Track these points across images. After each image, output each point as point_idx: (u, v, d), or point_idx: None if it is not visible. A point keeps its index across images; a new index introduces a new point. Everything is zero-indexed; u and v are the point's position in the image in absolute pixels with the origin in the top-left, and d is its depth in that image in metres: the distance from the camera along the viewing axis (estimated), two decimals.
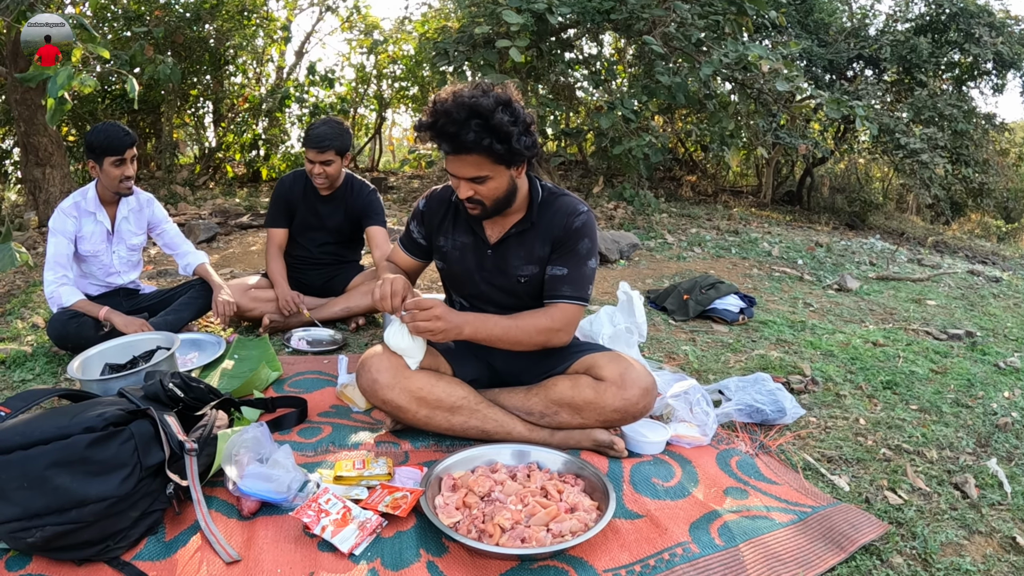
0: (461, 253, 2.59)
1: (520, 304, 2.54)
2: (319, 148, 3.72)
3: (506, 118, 2.16)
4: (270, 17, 10.79)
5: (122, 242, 3.70)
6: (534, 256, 2.49)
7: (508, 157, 2.24)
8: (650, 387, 2.43)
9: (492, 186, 2.30)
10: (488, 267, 2.55)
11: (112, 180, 3.48)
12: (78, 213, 3.52)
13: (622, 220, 8.58)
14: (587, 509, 2.06)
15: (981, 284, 6.60)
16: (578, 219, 2.45)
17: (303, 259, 4.10)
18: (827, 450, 2.67)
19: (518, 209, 2.49)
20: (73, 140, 9.27)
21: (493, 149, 2.19)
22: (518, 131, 2.20)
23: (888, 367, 3.65)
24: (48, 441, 1.83)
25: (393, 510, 2.01)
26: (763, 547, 2.00)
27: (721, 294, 4.50)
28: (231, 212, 8.17)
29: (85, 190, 3.56)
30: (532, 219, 2.48)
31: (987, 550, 2.09)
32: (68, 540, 1.80)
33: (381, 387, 2.41)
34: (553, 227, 2.46)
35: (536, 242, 2.48)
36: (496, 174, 2.28)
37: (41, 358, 3.45)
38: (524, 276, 2.51)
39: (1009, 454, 2.73)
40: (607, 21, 7.68)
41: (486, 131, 2.16)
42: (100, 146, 3.39)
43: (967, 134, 11.45)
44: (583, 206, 2.50)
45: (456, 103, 2.17)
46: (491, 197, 2.34)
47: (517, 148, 2.21)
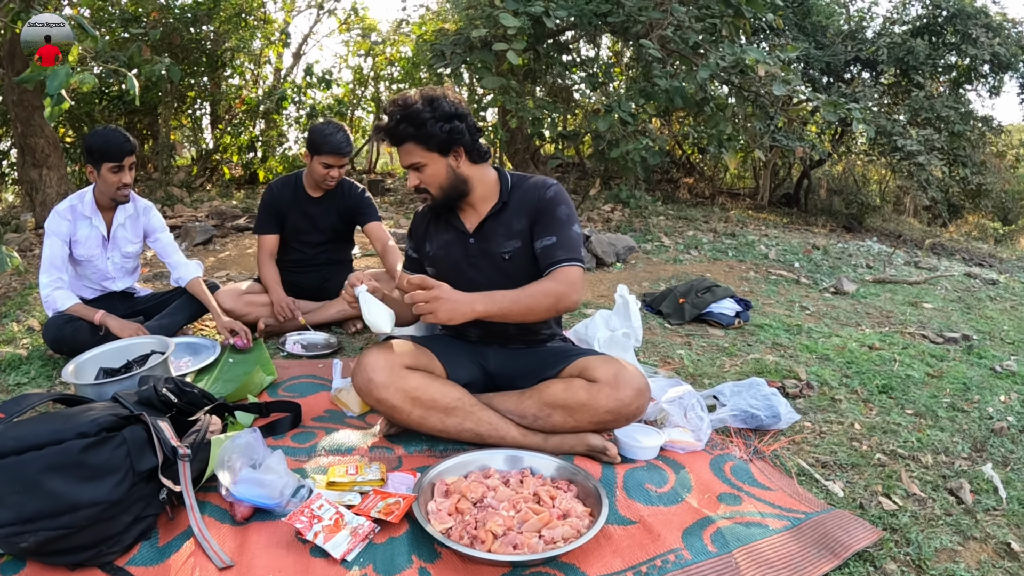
0: (446, 250, 2.69)
1: (511, 285, 2.55)
2: (342, 154, 3.78)
3: (424, 109, 2.41)
4: (268, 19, 10.78)
5: (117, 249, 3.68)
6: (513, 232, 2.59)
7: (428, 142, 2.45)
8: (643, 388, 2.43)
9: (429, 173, 2.51)
10: (472, 253, 2.64)
11: (109, 186, 3.46)
12: (73, 216, 3.50)
13: (619, 223, 8.59)
14: (580, 515, 2.05)
15: (978, 287, 6.61)
16: (549, 190, 2.60)
17: (298, 262, 4.10)
18: (822, 455, 2.67)
19: (490, 196, 2.65)
20: (70, 142, 9.28)
21: (416, 136, 2.44)
22: (432, 119, 2.41)
23: (884, 371, 3.65)
24: (42, 446, 1.83)
25: (386, 516, 2.01)
26: (756, 554, 1.99)
27: (717, 298, 4.50)
28: (228, 214, 8.15)
29: (82, 193, 3.55)
30: (504, 199, 2.62)
31: (982, 556, 2.09)
32: (61, 545, 1.80)
33: (376, 386, 2.41)
34: (526, 202, 2.60)
35: (513, 218, 2.60)
36: (430, 161, 2.49)
37: (36, 361, 3.44)
38: (507, 252, 2.59)
39: (1005, 459, 2.73)
40: (604, 24, 7.68)
41: (405, 120, 2.43)
42: (98, 151, 3.37)
43: (964, 136, 11.48)
44: (551, 180, 2.66)
45: (391, 105, 2.49)
46: (433, 184, 2.53)
47: (432, 132, 2.42)
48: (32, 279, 5.26)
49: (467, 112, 2.52)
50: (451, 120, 2.44)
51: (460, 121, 2.46)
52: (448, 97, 2.49)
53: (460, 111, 2.47)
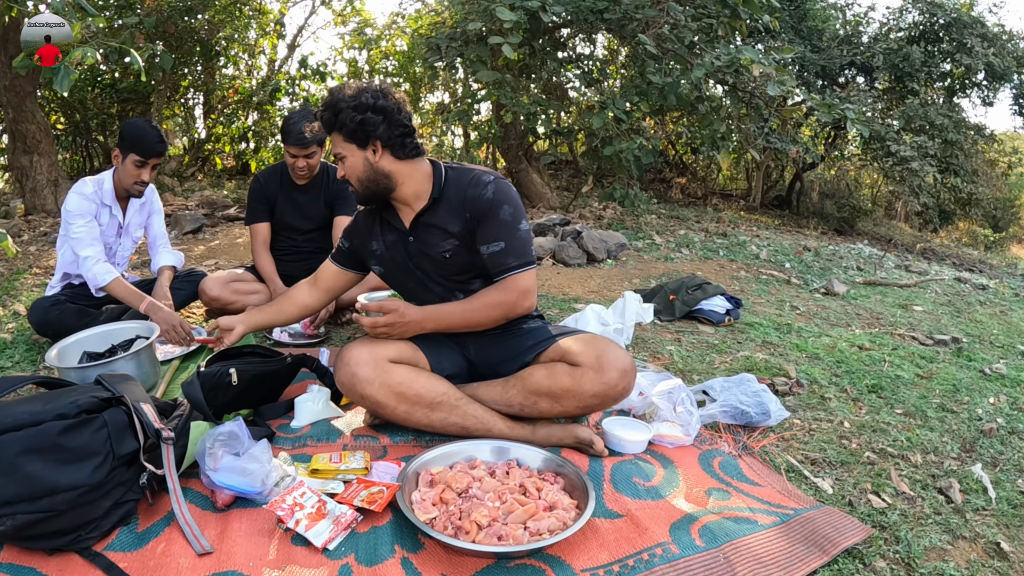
0: (392, 250, 2.65)
1: (458, 282, 2.56)
2: (302, 145, 3.72)
3: (344, 98, 2.42)
4: (263, 9, 10.73)
5: (128, 236, 3.70)
6: (448, 232, 2.51)
7: (342, 131, 2.44)
8: (628, 368, 2.40)
9: (348, 164, 2.49)
10: (413, 252, 2.59)
11: (128, 177, 3.45)
12: (97, 201, 3.49)
13: (611, 220, 8.58)
14: (566, 507, 2.03)
15: (968, 291, 6.62)
16: (487, 189, 2.47)
17: (287, 250, 4.08)
18: (811, 452, 2.66)
19: (423, 193, 2.55)
20: (61, 128, 9.22)
21: (332, 124, 2.45)
22: (348, 108, 2.40)
23: (874, 371, 3.64)
24: (20, 428, 1.80)
25: (369, 505, 1.99)
26: (744, 549, 1.97)
27: (708, 295, 4.48)
28: (218, 204, 8.12)
29: (100, 180, 3.51)
30: (435, 195, 2.53)
31: (971, 555, 2.08)
32: (39, 529, 1.77)
33: (360, 381, 2.38)
34: (462, 201, 2.50)
35: (447, 218, 2.51)
36: (348, 152, 2.47)
37: (21, 345, 3.42)
38: (446, 251, 2.53)
39: (994, 459, 2.72)
40: (600, 20, 7.66)
41: (327, 107, 2.45)
42: (131, 140, 3.37)
43: (957, 144, 11.49)
44: (489, 175, 2.53)
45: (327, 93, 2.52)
46: (352, 176, 2.51)
47: (343, 121, 2.41)
48: (20, 264, 5.22)
49: (395, 107, 2.45)
50: (365, 111, 2.39)
51: (376, 114, 2.40)
52: (383, 90, 2.46)
53: (381, 104, 2.41)
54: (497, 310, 2.45)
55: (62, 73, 3.30)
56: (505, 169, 9.62)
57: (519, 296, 2.44)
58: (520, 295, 2.45)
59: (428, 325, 2.46)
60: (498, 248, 2.44)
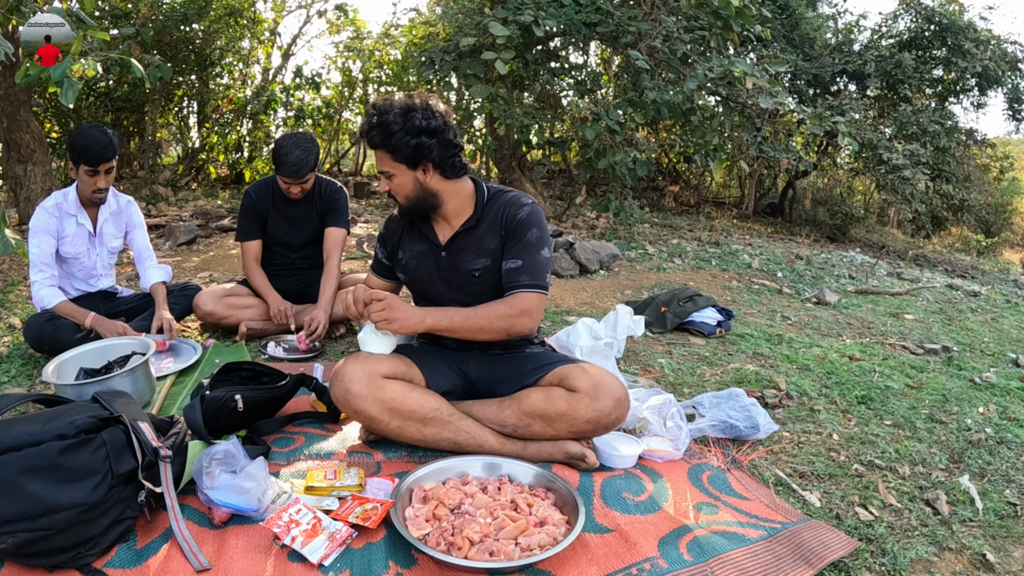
0: (419, 261, 2.69)
1: (479, 302, 2.58)
2: (296, 177, 3.74)
3: (395, 120, 2.40)
4: (257, 19, 10.75)
5: (103, 245, 3.70)
6: (484, 249, 2.58)
7: (395, 153, 2.44)
8: (622, 398, 2.45)
9: (397, 182, 2.51)
10: (444, 267, 2.64)
11: (85, 187, 3.48)
12: (59, 214, 3.50)
13: (604, 230, 8.62)
14: (556, 523, 2.06)
15: (959, 298, 6.66)
16: (522, 211, 2.56)
17: (280, 267, 4.08)
18: (799, 465, 2.69)
19: (464, 210, 2.62)
20: (56, 137, 9.22)
21: (384, 146, 2.44)
22: (401, 131, 2.40)
23: (864, 382, 3.68)
24: (20, 447, 1.82)
25: (363, 521, 2.02)
26: (732, 563, 2.01)
27: (699, 307, 4.51)
28: (212, 214, 8.14)
29: (66, 192, 3.54)
30: (478, 216, 2.59)
31: (957, 567, 2.11)
32: (39, 547, 1.80)
33: (354, 397, 2.41)
34: (499, 220, 2.57)
35: (485, 236, 2.58)
36: (398, 172, 2.49)
37: (17, 360, 3.43)
38: (477, 270, 2.58)
39: (982, 470, 2.75)
40: (593, 33, 7.71)
41: (377, 128, 2.43)
42: (77, 151, 3.38)
43: (949, 151, 11.56)
44: (527, 199, 2.62)
45: (371, 108, 2.49)
46: (400, 193, 2.54)
47: (398, 145, 2.41)
48: (14, 275, 5.24)
49: (443, 127, 2.47)
50: (419, 135, 2.41)
51: (430, 137, 2.42)
52: (430, 108, 2.46)
53: (433, 126, 2.43)
54: (501, 321, 2.49)
55: (66, 86, 3.33)
56: (498, 179, 9.64)
57: (520, 313, 2.48)
58: (522, 313, 2.48)
59: (429, 321, 2.48)
60: (515, 265, 2.51)
